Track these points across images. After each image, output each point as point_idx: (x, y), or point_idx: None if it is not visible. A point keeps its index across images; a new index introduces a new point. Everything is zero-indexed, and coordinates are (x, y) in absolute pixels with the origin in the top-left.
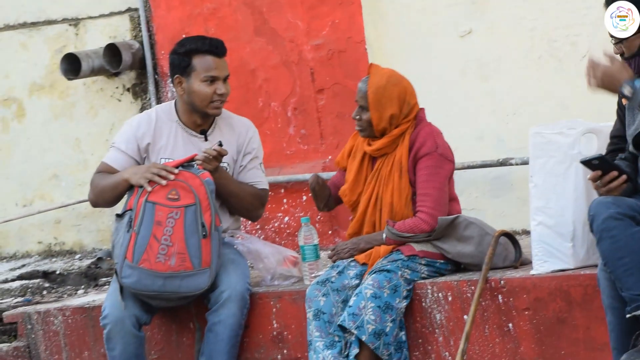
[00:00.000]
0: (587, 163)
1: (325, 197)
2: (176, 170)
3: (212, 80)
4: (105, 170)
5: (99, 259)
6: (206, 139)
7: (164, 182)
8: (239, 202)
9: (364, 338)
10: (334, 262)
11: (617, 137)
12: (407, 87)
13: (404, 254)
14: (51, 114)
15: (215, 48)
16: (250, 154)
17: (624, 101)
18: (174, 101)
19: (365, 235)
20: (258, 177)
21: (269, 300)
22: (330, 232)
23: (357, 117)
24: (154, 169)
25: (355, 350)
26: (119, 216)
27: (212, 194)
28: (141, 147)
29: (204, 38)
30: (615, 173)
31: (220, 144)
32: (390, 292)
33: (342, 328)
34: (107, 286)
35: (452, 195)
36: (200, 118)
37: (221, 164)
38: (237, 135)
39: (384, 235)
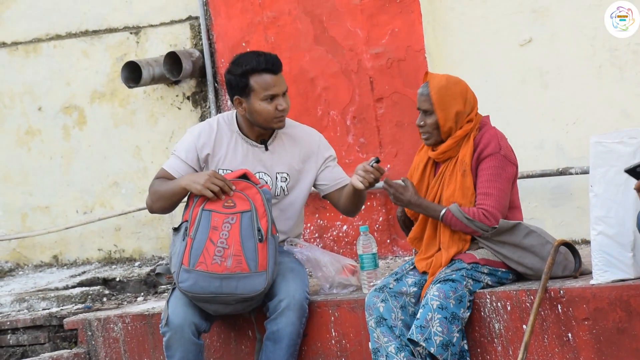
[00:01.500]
0: (631, 171)
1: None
2: (234, 187)
3: (272, 97)
4: (164, 176)
5: (158, 274)
6: (267, 149)
7: (222, 196)
8: (362, 200)
9: (432, 350)
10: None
11: None
12: (466, 86)
13: (465, 262)
14: (112, 121)
15: (272, 65)
16: (328, 158)
17: None
18: (235, 111)
19: (425, 202)
20: (342, 174)
21: (327, 309)
22: (388, 240)
23: (421, 123)
24: (215, 179)
25: None
26: (176, 229)
27: (268, 202)
28: (201, 157)
29: (258, 55)
30: None
31: (378, 161)
32: (456, 303)
33: (412, 341)
34: (166, 293)
35: (515, 203)
36: (262, 130)
37: (280, 174)
38: (301, 145)
39: (444, 211)
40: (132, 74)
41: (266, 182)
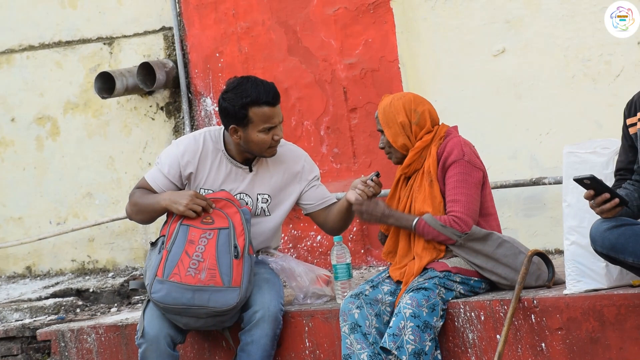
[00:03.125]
0: (580, 182)
1: None
2: (214, 205)
3: (270, 129)
4: (145, 187)
5: (132, 290)
6: (251, 170)
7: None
8: (352, 217)
9: (404, 359)
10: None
11: (624, 170)
12: (413, 97)
13: (437, 270)
14: (85, 132)
15: (271, 98)
16: (313, 179)
17: (630, 130)
18: (223, 129)
19: (398, 213)
20: (327, 193)
21: (301, 319)
22: (362, 250)
23: (381, 145)
24: (197, 200)
25: None
26: (153, 244)
27: (247, 223)
28: (183, 174)
29: (257, 86)
30: (607, 195)
31: (378, 175)
32: (429, 311)
33: (384, 349)
34: (139, 304)
35: (490, 210)
36: (252, 155)
37: (261, 195)
38: (285, 166)
39: (416, 220)
40: (106, 84)
41: (247, 203)
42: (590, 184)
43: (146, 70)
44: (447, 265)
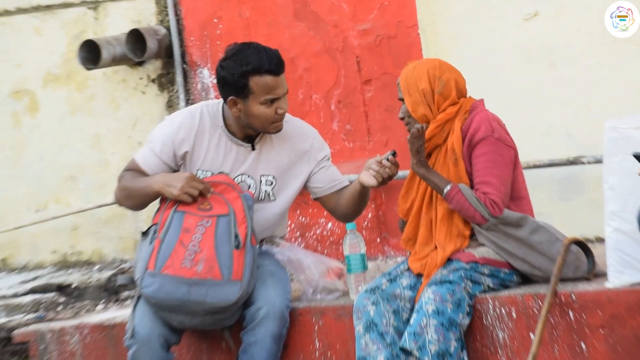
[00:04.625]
0: None
1: None
2: (212, 189)
3: (273, 100)
4: (135, 169)
5: (120, 285)
6: (253, 148)
7: (199, 199)
8: (366, 202)
9: None
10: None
11: None
12: (439, 64)
13: (463, 262)
14: (68, 107)
15: (275, 66)
16: (323, 159)
17: None
18: (222, 102)
19: (433, 170)
20: (338, 175)
21: (310, 317)
22: (378, 239)
23: (401, 115)
24: (194, 183)
25: None
26: (144, 234)
27: (249, 209)
28: (178, 154)
29: (258, 52)
30: None
31: (394, 154)
32: (454, 307)
33: (404, 350)
34: (129, 301)
35: (521, 192)
36: (255, 131)
37: (265, 176)
38: (291, 143)
39: (450, 185)
40: (90, 54)
41: (249, 187)
42: None
43: (136, 38)
44: (474, 255)
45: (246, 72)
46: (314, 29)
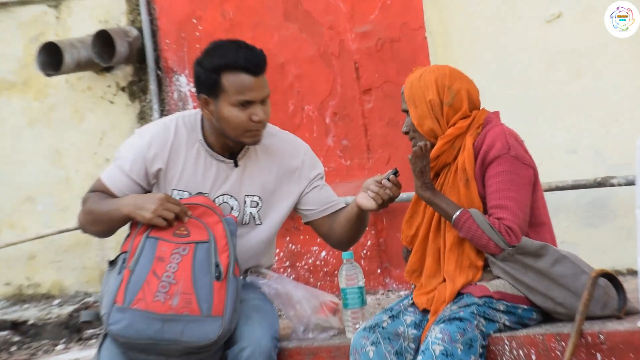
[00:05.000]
0: None
1: None
2: (190, 213)
3: (246, 104)
4: (102, 190)
5: (84, 322)
6: (236, 165)
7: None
8: (364, 227)
9: None
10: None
11: None
12: (449, 72)
13: (475, 296)
14: (25, 119)
15: (252, 65)
16: (315, 177)
17: None
18: (200, 114)
19: (441, 194)
20: (333, 196)
21: (301, 358)
22: (379, 270)
23: (405, 128)
24: (169, 205)
25: None
26: (111, 263)
27: (232, 236)
28: (150, 172)
29: (237, 47)
30: None
31: (396, 174)
32: (465, 348)
33: None
34: (94, 340)
35: (542, 218)
36: (232, 142)
37: (250, 197)
38: (280, 160)
39: (459, 211)
40: (51, 58)
41: (232, 208)
42: None
43: (103, 40)
44: (487, 289)
45: (218, 67)
46: (306, 32)
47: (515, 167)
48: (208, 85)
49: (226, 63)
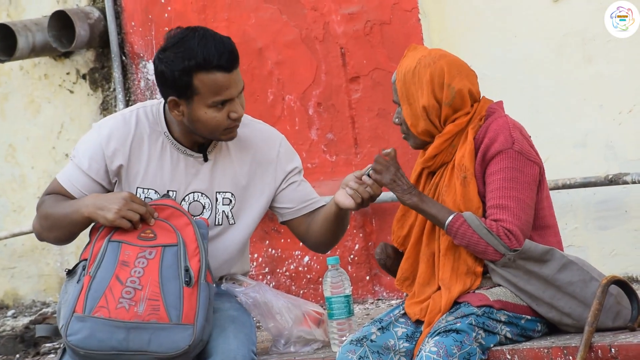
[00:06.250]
0: None
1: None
2: (157, 215)
3: (224, 102)
4: (58, 192)
5: (41, 336)
6: (206, 159)
7: (139, 225)
8: (345, 227)
9: None
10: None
11: None
12: (447, 66)
13: (473, 306)
14: None
15: (226, 61)
16: (292, 171)
17: None
18: (162, 103)
19: (429, 198)
20: (312, 193)
21: None
22: (368, 277)
23: (396, 120)
24: (133, 205)
25: None
26: (70, 272)
27: (203, 239)
28: (110, 169)
29: (206, 42)
30: None
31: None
32: None
33: None
34: (52, 355)
35: (547, 220)
36: (202, 137)
37: (222, 194)
38: (253, 152)
39: (452, 215)
40: (3, 42)
41: (203, 208)
42: None
43: (61, 22)
44: (487, 298)
45: (189, 68)
46: (287, 13)
47: (519, 164)
48: (177, 87)
49: (197, 63)
